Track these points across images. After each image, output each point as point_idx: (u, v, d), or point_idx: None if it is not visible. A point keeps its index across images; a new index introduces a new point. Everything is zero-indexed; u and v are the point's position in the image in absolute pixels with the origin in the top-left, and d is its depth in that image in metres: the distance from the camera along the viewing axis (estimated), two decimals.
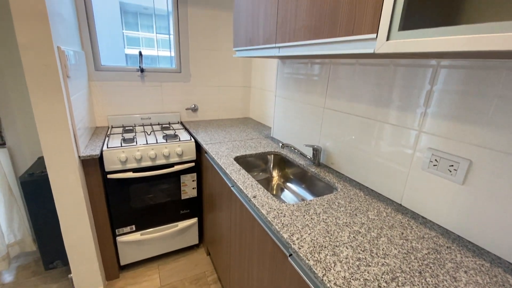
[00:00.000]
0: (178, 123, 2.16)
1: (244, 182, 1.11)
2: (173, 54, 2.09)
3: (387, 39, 0.64)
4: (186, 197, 1.80)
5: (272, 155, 1.54)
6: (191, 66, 2.12)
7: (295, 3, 0.97)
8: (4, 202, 1.71)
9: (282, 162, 1.52)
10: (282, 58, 1.59)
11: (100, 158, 1.48)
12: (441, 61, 0.83)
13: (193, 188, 1.80)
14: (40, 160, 1.73)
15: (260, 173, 1.54)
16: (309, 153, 1.46)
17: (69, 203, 1.36)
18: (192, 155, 1.72)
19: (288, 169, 1.48)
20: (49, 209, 1.56)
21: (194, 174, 1.77)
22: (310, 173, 1.30)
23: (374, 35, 0.68)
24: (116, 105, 1.96)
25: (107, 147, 1.49)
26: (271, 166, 1.55)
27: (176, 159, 1.67)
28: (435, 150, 0.87)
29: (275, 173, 1.55)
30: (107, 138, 1.65)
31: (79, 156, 1.36)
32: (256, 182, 1.12)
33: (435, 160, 0.87)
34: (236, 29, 1.48)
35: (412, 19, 0.65)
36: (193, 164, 1.73)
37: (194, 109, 2.23)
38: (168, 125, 2.06)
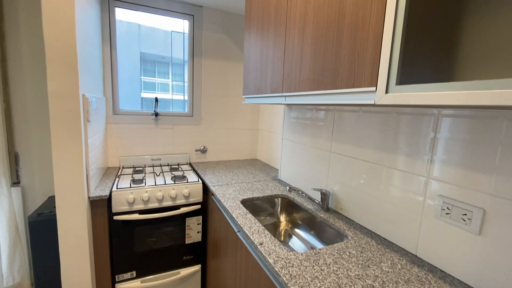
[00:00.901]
0: (187, 164, 2.20)
1: (251, 227, 1.09)
2: (186, 98, 2.23)
3: (386, 92, 0.69)
4: (190, 242, 1.74)
5: (280, 199, 1.52)
6: (202, 110, 2.24)
7: (299, 59, 1.06)
8: (9, 243, 1.69)
9: (290, 206, 1.49)
10: (288, 105, 1.67)
11: (108, 198, 1.50)
12: (442, 110, 0.86)
13: (198, 232, 1.75)
14: (50, 200, 1.75)
15: (268, 217, 1.50)
16: (317, 197, 1.44)
17: (72, 245, 1.34)
18: (199, 197, 1.72)
19: (296, 213, 1.45)
20: (52, 252, 1.53)
21: (200, 217, 1.74)
22: (319, 218, 1.27)
23: (373, 88, 0.73)
24: (129, 146, 2.04)
25: (117, 188, 1.52)
26: (279, 210, 1.52)
27: (182, 201, 1.67)
28: (446, 197, 0.85)
29: (282, 218, 1.51)
30: (117, 179, 1.69)
31: (88, 197, 1.38)
32: (263, 227, 1.09)
33: (447, 208, 0.84)
34: (246, 79, 1.60)
35: (409, 72, 0.71)
36: (199, 206, 1.72)
37: (204, 151, 2.29)
38: (177, 166, 2.10)
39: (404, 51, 0.67)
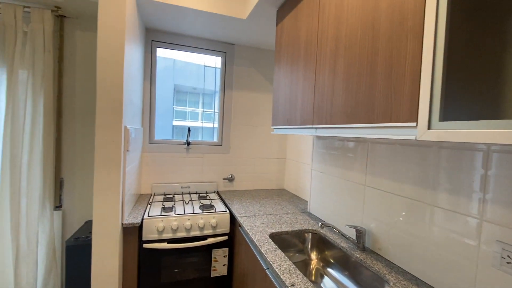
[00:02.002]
0: (214, 192, 2.22)
1: (281, 266, 1.03)
2: (215, 125, 2.33)
3: (429, 128, 0.66)
4: (215, 275, 1.69)
5: (310, 234, 1.44)
6: (231, 139, 2.30)
7: (330, 93, 1.07)
8: (46, 265, 1.77)
9: (322, 243, 1.41)
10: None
11: (139, 226, 1.53)
12: (492, 145, 0.79)
13: (224, 265, 1.70)
14: (87, 225, 1.84)
15: (297, 254, 1.43)
16: (351, 234, 1.35)
17: (104, 272, 1.36)
18: (226, 228, 1.70)
19: (328, 251, 1.36)
20: (85, 277, 1.56)
21: (226, 249, 1.70)
22: (354, 258, 1.17)
23: (413, 124, 0.70)
24: (161, 174, 2.12)
25: (148, 216, 1.56)
26: (309, 246, 1.44)
27: (210, 231, 1.65)
28: (505, 244, 0.75)
29: (313, 255, 1.42)
30: (149, 206, 1.74)
31: (122, 224, 1.43)
32: (294, 266, 1.03)
33: (508, 256, 0.74)
34: (275, 110, 1.64)
35: (453, 107, 0.67)
36: (226, 237, 1.69)
37: (231, 179, 2.30)
38: (205, 195, 2.12)
39: (445, 85, 0.65)
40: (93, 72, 1.90)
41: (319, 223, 1.29)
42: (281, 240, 1.40)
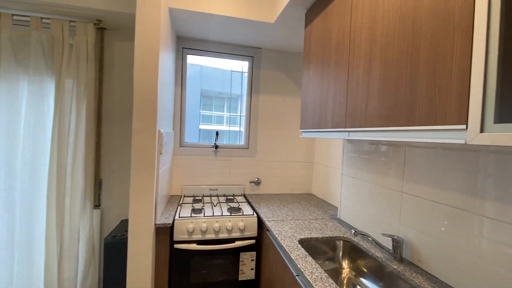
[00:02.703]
0: (241, 195, 2.23)
1: (312, 273, 1.00)
2: (241, 129, 2.35)
3: (481, 131, 0.60)
4: (243, 278, 1.69)
5: (342, 241, 1.39)
6: (258, 142, 2.31)
7: (365, 94, 1.03)
8: (85, 261, 1.89)
9: (354, 251, 1.35)
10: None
11: (171, 226, 1.58)
12: None
13: (252, 269, 1.70)
14: (122, 223, 1.94)
15: (326, 262, 1.38)
16: (386, 243, 1.27)
17: (138, 269, 1.42)
18: (253, 231, 1.69)
19: (361, 260, 1.30)
20: (121, 273, 1.65)
21: (254, 253, 1.70)
22: (390, 269, 1.10)
23: (463, 126, 0.64)
24: (190, 176, 2.18)
25: (179, 217, 1.60)
26: (341, 254, 1.38)
27: (237, 234, 1.66)
28: None
29: (345, 264, 1.36)
30: (179, 207, 1.79)
31: (155, 224, 1.48)
32: (326, 274, 1.00)
33: None
34: (304, 114, 1.61)
35: (510, 107, 0.61)
36: (253, 241, 1.68)
37: (257, 183, 2.31)
38: (232, 197, 2.14)
39: (501, 84, 0.59)
40: (129, 80, 2.02)
41: (352, 231, 1.24)
42: (310, 246, 1.37)
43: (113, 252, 1.65)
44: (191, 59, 2.24)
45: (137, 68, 1.39)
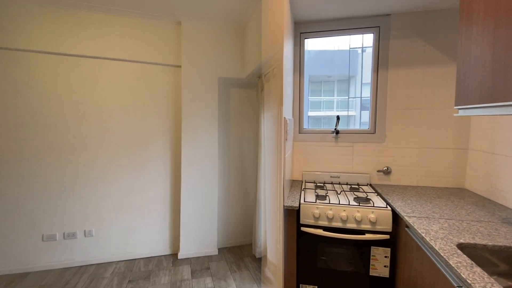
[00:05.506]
0: (367, 185, 2.04)
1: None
2: (355, 113, 2.12)
3: None
4: (374, 274, 1.55)
5: None
6: (387, 126, 2.01)
7: None
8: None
9: None
10: None
11: (297, 210, 1.63)
12: None
13: (385, 266, 1.52)
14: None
15: (495, 276, 1.04)
16: None
17: (273, 243, 1.57)
18: (387, 226, 1.50)
19: None
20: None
21: (388, 250, 1.51)
22: None
23: None
24: (310, 162, 2.18)
25: (304, 201, 1.63)
26: None
27: (368, 227, 1.52)
28: None
29: None
30: (302, 192, 1.83)
31: (284, 205, 1.57)
32: None
33: None
34: (461, 85, 1.25)
35: None
36: (387, 236, 1.50)
37: (387, 172, 2.03)
38: (357, 187, 1.99)
39: None
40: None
41: None
42: (474, 254, 1.07)
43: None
44: (310, 44, 2.18)
45: (264, 57, 1.47)
